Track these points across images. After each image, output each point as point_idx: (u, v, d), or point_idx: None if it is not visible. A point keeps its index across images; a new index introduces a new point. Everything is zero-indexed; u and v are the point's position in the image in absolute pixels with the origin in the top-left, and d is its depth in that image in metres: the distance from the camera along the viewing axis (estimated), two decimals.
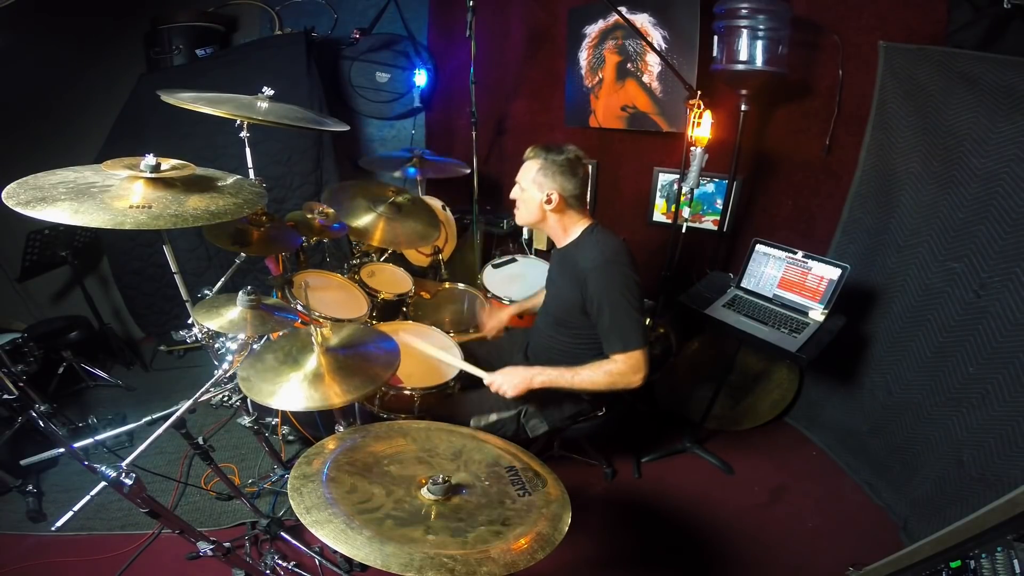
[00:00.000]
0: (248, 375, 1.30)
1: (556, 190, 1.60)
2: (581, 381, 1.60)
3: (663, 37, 2.40)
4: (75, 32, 2.72)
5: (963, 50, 1.73)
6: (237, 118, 1.64)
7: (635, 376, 1.56)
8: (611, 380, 1.57)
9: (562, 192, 1.61)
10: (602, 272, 1.57)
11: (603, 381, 1.58)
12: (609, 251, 1.60)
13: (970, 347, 1.78)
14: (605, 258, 1.59)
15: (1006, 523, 1.07)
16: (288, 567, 1.72)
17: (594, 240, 1.65)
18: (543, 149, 1.63)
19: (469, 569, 0.91)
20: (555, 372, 1.62)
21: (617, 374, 1.57)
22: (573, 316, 1.69)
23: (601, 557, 1.93)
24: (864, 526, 2.02)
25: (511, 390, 1.60)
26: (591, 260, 1.60)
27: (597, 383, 1.59)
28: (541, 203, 1.63)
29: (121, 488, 1.01)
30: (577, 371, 1.61)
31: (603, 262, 1.58)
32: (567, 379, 1.61)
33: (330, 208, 2.04)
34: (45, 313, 2.89)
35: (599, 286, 1.57)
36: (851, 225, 2.22)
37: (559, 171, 1.60)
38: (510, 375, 1.62)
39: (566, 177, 1.60)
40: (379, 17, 3.01)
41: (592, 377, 1.59)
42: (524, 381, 1.60)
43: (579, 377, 1.60)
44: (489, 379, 1.65)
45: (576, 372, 1.61)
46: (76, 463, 1.15)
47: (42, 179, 1.18)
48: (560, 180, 1.60)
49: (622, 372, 1.56)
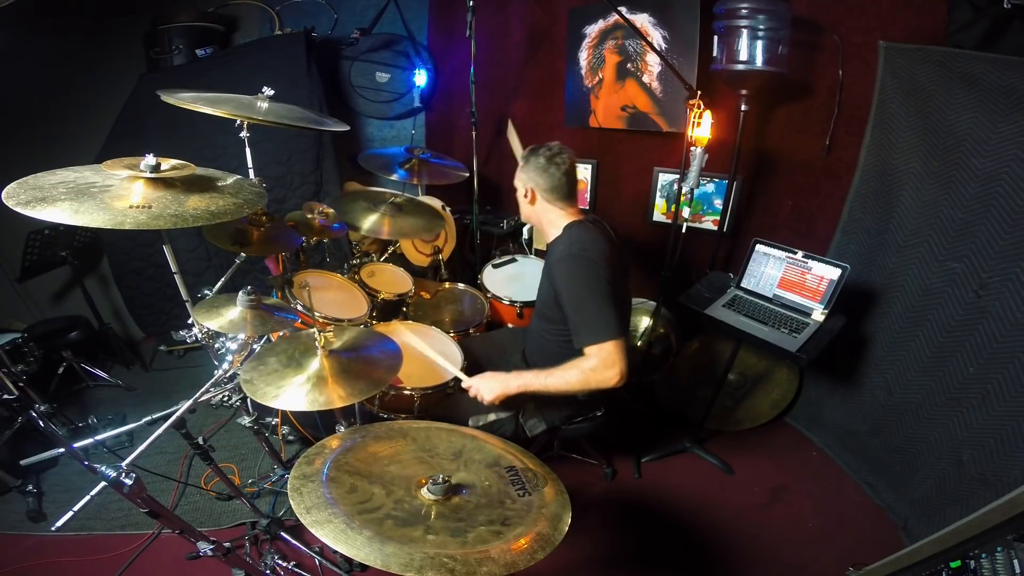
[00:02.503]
0: (251, 377, 1.30)
1: (530, 185, 1.70)
2: (555, 383, 1.55)
3: (663, 37, 2.40)
4: (75, 32, 2.72)
5: (963, 50, 1.73)
6: (237, 118, 1.65)
7: (608, 372, 1.47)
8: (584, 378, 1.50)
9: (535, 187, 1.70)
10: (566, 264, 1.59)
11: (575, 379, 1.52)
12: (577, 245, 1.61)
13: (970, 347, 1.78)
14: (571, 251, 1.60)
15: (1006, 523, 1.07)
16: (288, 567, 1.72)
17: (570, 235, 1.67)
18: (530, 150, 1.71)
19: (469, 569, 0.91)
20: (530, 375, 1.59)
21: (590, 370, 1.49)
22: (551, 309, 1.69)
23: (601, 557, 1.93)
24: (864, 526, 2.02)
25: (488, 395, 1.59)
26: (558, 252, 1.64)
27: (570, 382, 1.53)
28: (522, 196, 1.74)
29: (121, 488, 1.02)
30: (551, 372, 1.56)
31: (568, 255, 1.59)
32: (541, 382, 1.57)
33: (330, 208, 2.04)
34: (45, 313, 2.89)
35: (562, 278, 1.58)
36: (851, 225, 2.22)
37: (533, 168, 1.68)
38: (487, 380, 1.62)
39: (539, 173, 1.67)
40: (379, 17, 3.02)
41: (564, 376, 1.53)
42: (501, 386, 1.59)
43: (552, 379, 1.55)
44: (467, 383, 1.64)
45: (550, 373, 1.56)
46: (76, 463, 1.15)
47: (42, 179, 1.18)
48: (534, 176, 1.68)
49: (595, 368, 1.48)
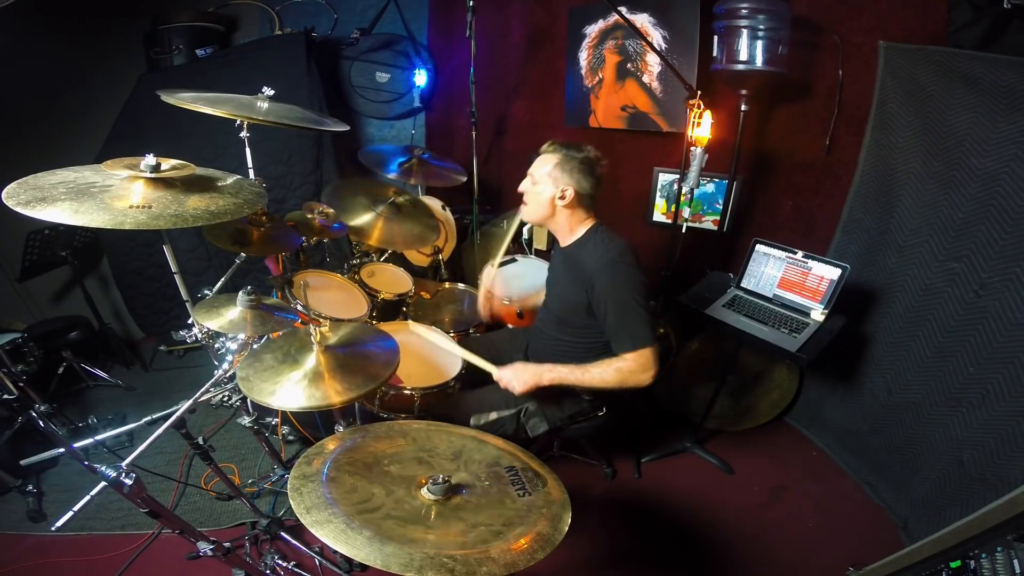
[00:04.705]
0: (247, 374, 1.30)
1: (572, 186, 1.60)
2: (591, 379, 1.59)
3: (663, 37, 2.40)
4: (75, 32, 2.72)
5: (963, 50, 1.73)
6: (237, 118, 1.65)
7: (644, 375, 1.56)
8: (621, 378, 1.57)
9: (578, 189, 1.61)
10: (609, 271, 1.57)
11: (613, 379, 1.57)
12: (615, 250, 1.60)
13: (970, 347, 1.78)
14: (611, 257, 1.58)
15: (1006, 523, 1.07)
16: (288, 567, 1.72)
17: (599, 239, 1.65)
18: (562, 145, 1.63)
19: (469, 569, 0.91)
20: (565, 370, 1.62)
21: (627, 372, 1.56)
22: (577, 316, 1.69)
23: (601, 557, 1.93)
24: (864, 526, 2.02)
25: (520, 386, 1.60)
26: (597, 259, 1.60)
27: (607, 381, 1.58)
28: (553, 198, 1.62)
29: (121, 488, 1.01)
30: (588, 369, 1.60)
31: (609, 261, 1.58)
32: (577, 376, 1.61)
33: (330, 208, 2.04)
34: (45, 313, 2.89)
35: (606, 285, 1.57)
36: (851, 225, 2.22)
37: (577, 167, 1.60)
38: (520, 371, 1.62)
39: (583, 175, 1.60)
40: (379, 17, 3.02)
41: (603, 375, 1.58)
42: (534, 377, 1.60)
43: (589, 375, 1.60)
44: (498, 375, 1.65)
45: (587, 370, 1.60)
46: (76, 463, 1.15)
47: (42, 179, 1.18)
48: (577, 177, 1.60)
49: (632, 371, 1.56)
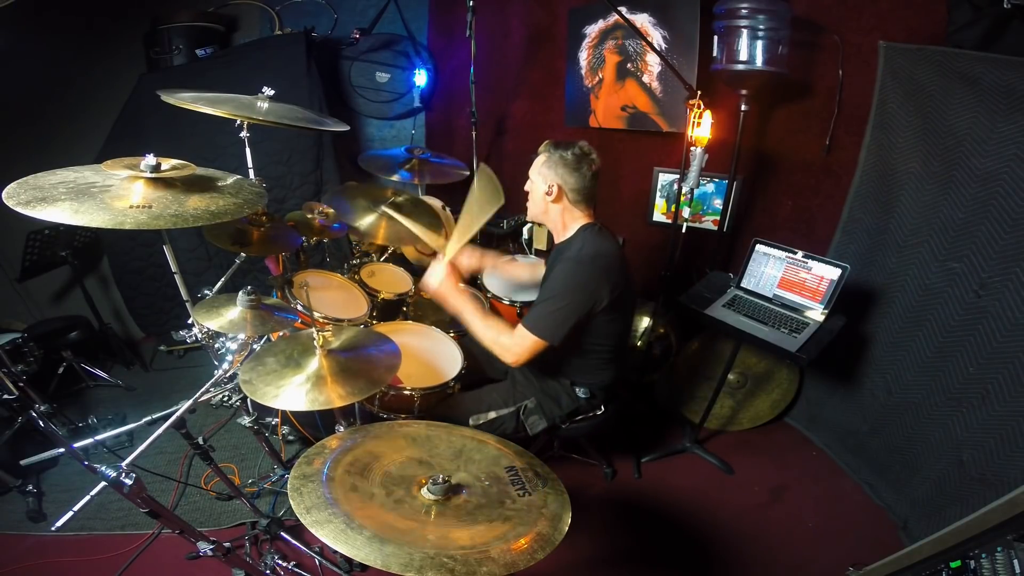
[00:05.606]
0: (250, 378, 1.29)
1: (557, 182, 1.64)
2: (478, 327, 1.62)
3: (663, 37, 2.40)
4: (75, 32, 2.72)
5: (963, 50, 1.73)
6: (237, 118, 1.64)
7: (509, 354, 1.58)
8: (493, 342, 1.60)
9: (563, 184, 1.64)
10: (567, 265, 1.61)
11: (487, 338, 1.61)
12: (589, 250, 1.62)
13: (970, 347, 1.78)
14: (581, 255, 1.61)
15: (1006, 523, 1.07)
16: (288, 567, 1.72)
17: (586, 237, 1.67)
18: (553, 144, 1.66)
19: (469, 569, 0.91)
20: (469, 308, 1.65)
21: (503, 344, 1.59)
22: None
23: (601, 557, 1.93)
24: (864, 526, 2.02)
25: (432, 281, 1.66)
26: (570, 255, 1.63)
27: (483, 338, 1.62)
28: (543, 194, 1.67)
29: (121, 488, 1.01)
30: (484, 318, 1.63)
31: (574, 258, 1.61)
32: (468, 318, 1.64)
33: (330, 208, 2.03)
34: (45, 313, 2.89)
35: (556, 273, 1.62)
36: (851, 225, 2.22)
37: (562, 163, 1.63)
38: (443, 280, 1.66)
39: (568, 170, 1.63)
40: (379, 17, 3.02)
41: (484, 330, 1.62)
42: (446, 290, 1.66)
43: (477, 323, 1.62)
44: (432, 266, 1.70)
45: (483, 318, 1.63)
46: (76, 463, 1.15)
47: (42, 179, 1.18)
48: (562, 172, 1.63)
49: (505, 345, 1.59)
